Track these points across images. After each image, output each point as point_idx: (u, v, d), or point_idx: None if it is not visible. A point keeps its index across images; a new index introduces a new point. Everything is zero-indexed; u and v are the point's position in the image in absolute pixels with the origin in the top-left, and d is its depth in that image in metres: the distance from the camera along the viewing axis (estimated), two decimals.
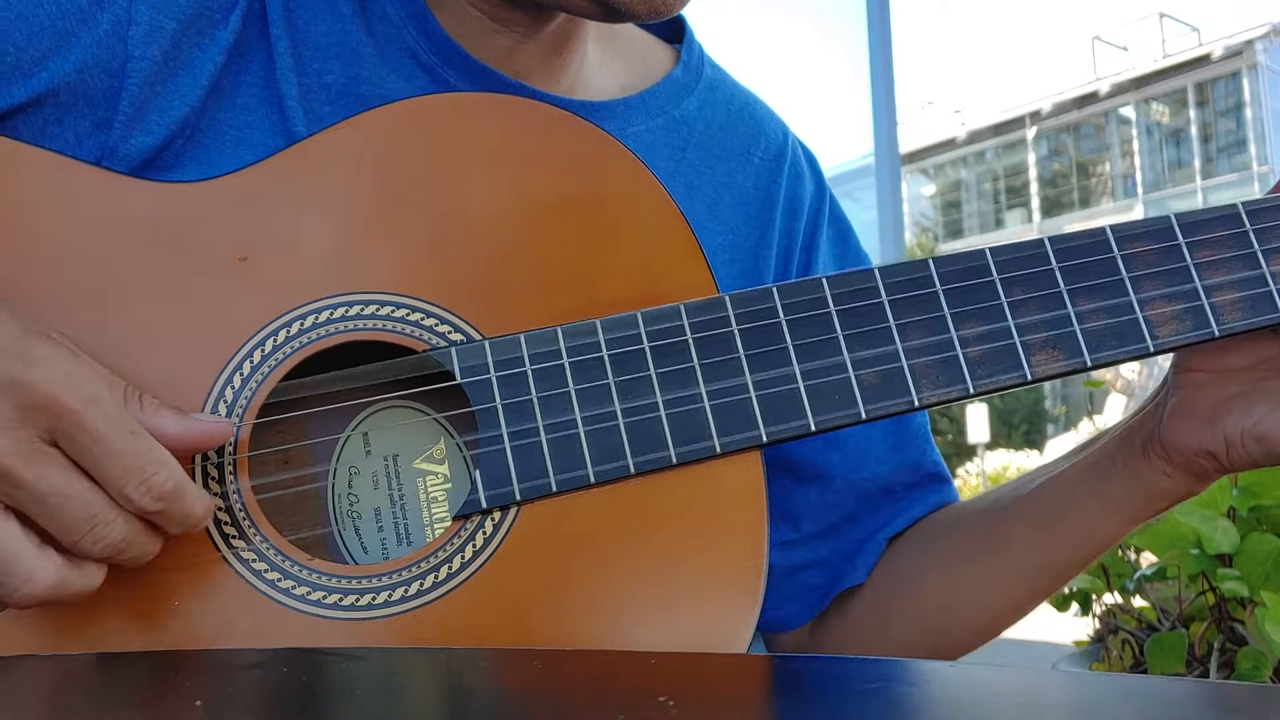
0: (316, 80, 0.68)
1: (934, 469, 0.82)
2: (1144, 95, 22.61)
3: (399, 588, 0.55)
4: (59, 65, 0.62)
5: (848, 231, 0.86)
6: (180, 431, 0.53)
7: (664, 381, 0.58)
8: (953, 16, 60.19)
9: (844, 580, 0.79)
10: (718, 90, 0.82)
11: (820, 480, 0.80)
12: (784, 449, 0.79)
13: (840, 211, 0.87)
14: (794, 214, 0.82)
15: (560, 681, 0.42)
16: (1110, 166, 23.53)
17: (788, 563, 0.81)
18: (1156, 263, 0.62)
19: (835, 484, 0.80)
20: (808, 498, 0.81)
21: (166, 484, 0.51)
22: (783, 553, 0.80)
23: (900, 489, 0.81)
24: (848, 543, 0.80)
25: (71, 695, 0.41)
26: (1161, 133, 22.71)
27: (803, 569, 0.81)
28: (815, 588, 0.81)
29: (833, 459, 0.80)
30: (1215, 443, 0.65)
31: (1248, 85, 20.89)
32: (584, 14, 0.66)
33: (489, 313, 0.59)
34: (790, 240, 0.82)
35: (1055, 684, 0.43)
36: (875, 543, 0.80)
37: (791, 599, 0.81)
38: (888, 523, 0.80)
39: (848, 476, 0.80)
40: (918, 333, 0.60)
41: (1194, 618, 1.23)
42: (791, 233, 0.82)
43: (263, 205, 0.59)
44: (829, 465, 0.80)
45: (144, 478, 0.50)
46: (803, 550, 0.81)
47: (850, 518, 0.81)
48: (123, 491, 0.50)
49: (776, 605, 0.81)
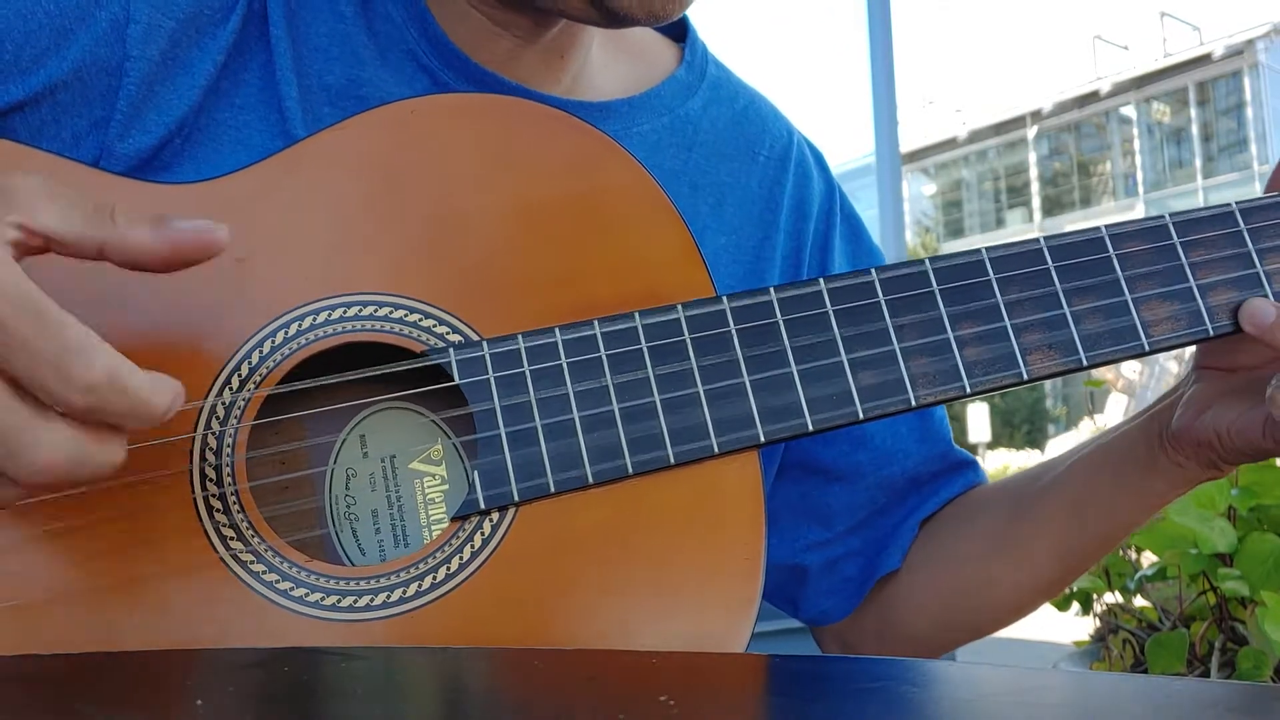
0: (317, 81, 0.68)
1: (960, 457, 0.84)
2: (1145, 94, 22.61)
3: (397, 589, 0.55)
4: (57, 64, 0.62)
5: (859, 228, 0.87)
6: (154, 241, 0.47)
7: (662, 382, 0.58)
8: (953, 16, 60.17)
9: (880, 568, 0.81)
10: (722, 89, 0.82)
11: (849, 479, 0.82)
12: (812, 453, 0.81)
13: (851, 208, 0.87)
14: (802, 215, 0.82)
15: (560, 681, 0.42)
16: (1111, 166, 23.53)
17: (824, 559, 0.82)
18: (1152, 262, 0.62)
19: (864, 481, 0.82)
20: (839, 497, 0.82)
21: (90, 374, 0.43)
22: (819, 550, 0.82)
23: (927, 478, 0.83)
24: (880, 531, 0.82)
25: (72, 695, 0.41)
26: (1162, 132, 22.72)
27: (839, 562, 0.82)
28: (852, 579, 0.82)
29: (861, 458, 0.82)
30: (1210, 435, 0.67)
31: (1249, 84, 20.89)
32: (584, 19, 0.66)
33: (487, 313, 0.59)
34: (799, 241, 0.82)
35: (1056, 683, 0.43)
36: (908, 527, 0.81)
37: (832, 593, 0.83)
38: (918, 507, 0.82)
39: (876, 473, 0.82)
40: (915, 333, 0.60)
41: (1195, 617, 1.23)
42: (800, 234, 0.82)
43: (260, 206, 0.59)
44: (857, 464, 0.82)
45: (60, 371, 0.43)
46: (837, 546, 0.82)
47: (881, 510, 0.82)
48: (45, 391, 0.43)
49: (817, 600, 0.83)
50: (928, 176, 26.78)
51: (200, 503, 0.55)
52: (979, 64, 57.34)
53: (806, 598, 0.83)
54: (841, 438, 0.81)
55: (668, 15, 0.65)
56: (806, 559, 0.82)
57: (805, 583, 0.83)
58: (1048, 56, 52.89)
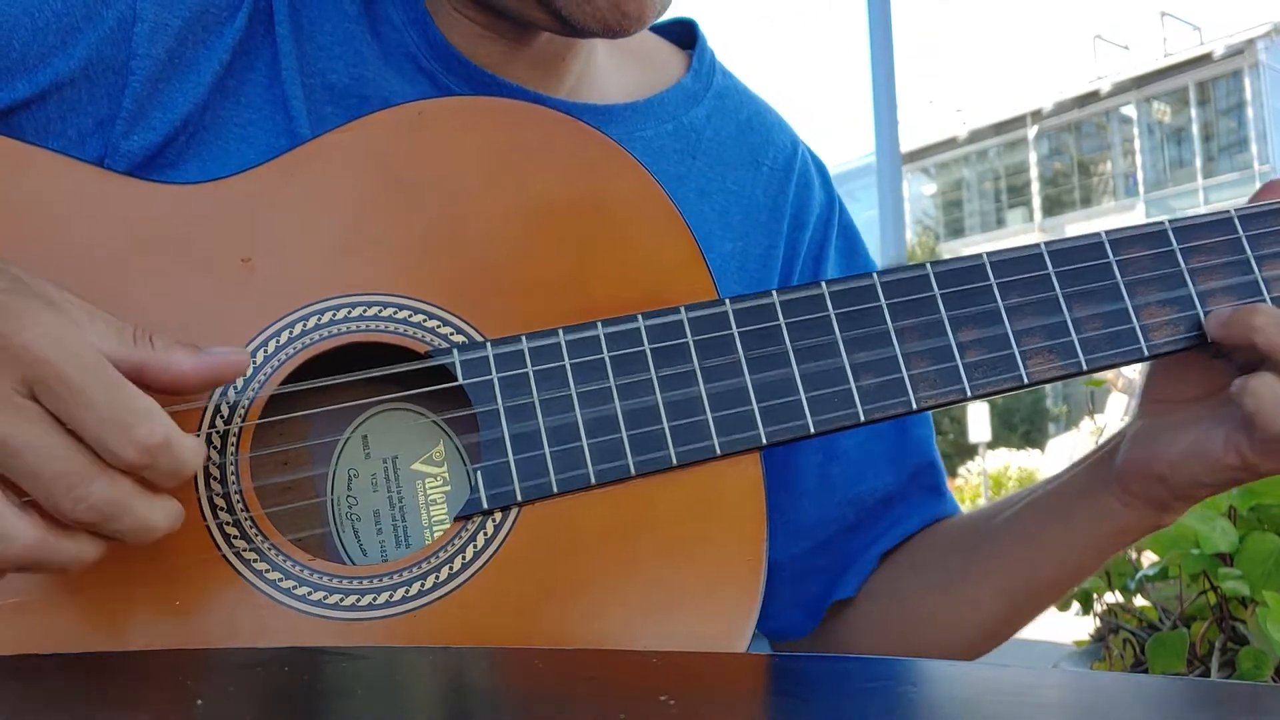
0: (321, 80, 0.68)
1: (932, 481, 0.83)
2: (1145, 94, 22.59)
3: (400, 588, 0.55)
4: (63, 62, 0.62)
5: (857, 242, 0.86)
6: (194, 365, 0.51)
7: (665, 383, 0.58)
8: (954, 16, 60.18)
9: (836, 591, 0.80)
10: (727, 99, 0.82)
11: (821, 493, 0.81)
12: (786, 463, 0.80)
13: (850, 222, 0.87)
14: (799, 225, 0.82)
15: (561, 681, 0.42)
16: (1112, 165, 23.52)
17: (793, 570, 0.82)
18: (1151, 268, 0.63)
19: (836, 496, 0.81)
20: (810, 510, 0.81)
21: (153, 437, 0.48)
22: (789, 563, 0.81)
23: (898, 500, 0.82)
24: (844, 554, 0.81)
25: (73, 694, 0.41)
26: (1163, 132, 22.70)
27: (806, 577, 0.82)
28: (815, 596, 0.82)
29: (833, 471, 0.81)
30: (1163, 465, 0.65)
31: (1249, 84, 20.88)
32: (547, 28, 0.67)
33: (490, 314, 0.59)
34: (794, 251, 0.82)
35: (1056, 683, 0.43)
36: (868, 557, 0.80)
37: (796, 605, 0.82)
38: (881, 537, 0.81)
39: (848, 489, 0.81)
40: (916, 336, 0.60)
41: (1195, 617, 1.23)
42: (795, 243, 0.82)
43: (266, 207, 0.59)
44: (829, 478, 0.81)
45: (125, 429, 0.47)
46: (805, 560, 0.82)
47: (850, 528, 0.82)
48: (104, 445, 0.48)
49: (782, 612, 0.82)
50: (928, 176, 26.77)
51: (204, 501, 0.55)
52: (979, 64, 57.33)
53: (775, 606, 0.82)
54: (815, 448, 0.80)
55: (622, 29, 0.65)
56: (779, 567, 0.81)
57: (776, 591, 0.81)
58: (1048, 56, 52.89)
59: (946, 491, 0.84)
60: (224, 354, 0.53)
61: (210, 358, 0.52)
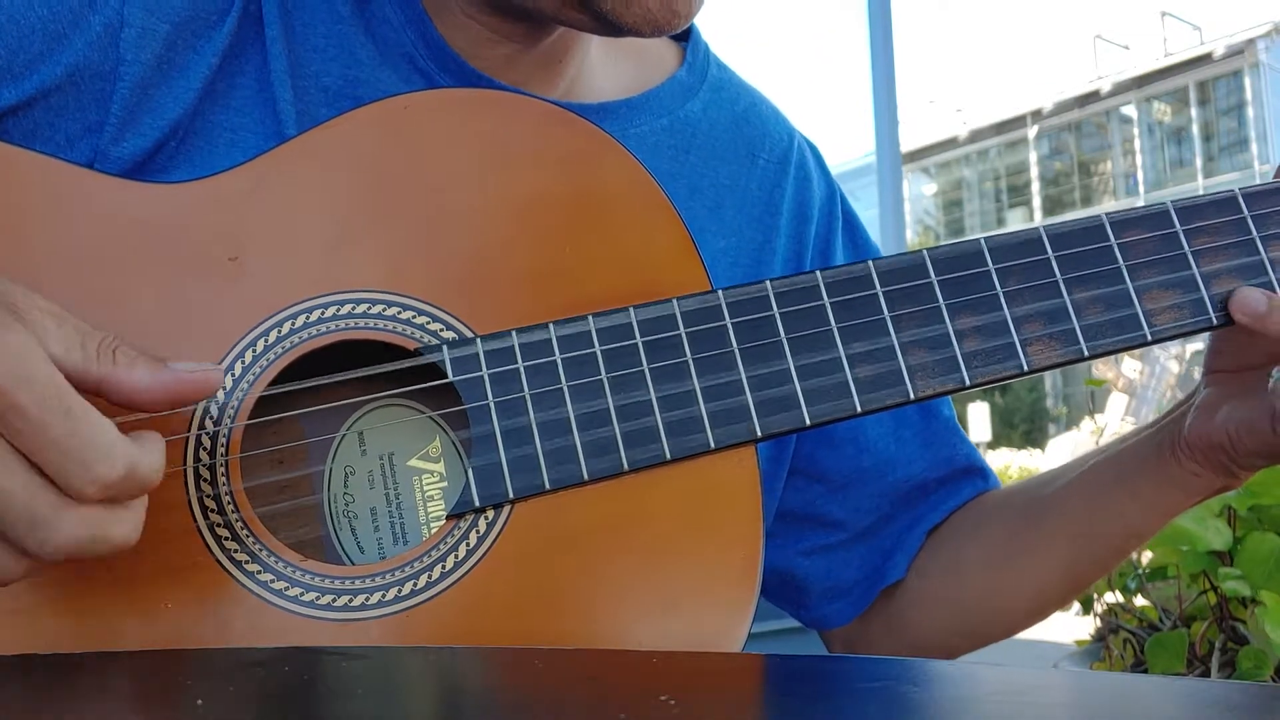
0: (314, 82, 0.68)
1: (967, 462, 0.83)
2: (1146, 94, 22.59)
3: (392, 588, 0.55)
4: (50, 68, 0.62)
5: (859, 228, 0.87)
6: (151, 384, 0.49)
7: (657, 377, 0.58)
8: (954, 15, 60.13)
9: (885, 577, 0.81)
10: (722, 91, 0.82)
11: (853, 486, 0.81)
12: (815, 459, 0.81)
13: (850, 209, 0.87)
14: (803, 218, 0.82)
15: (560, 681, 0.42)
16: (1112, 165, 23.51)
17: (829, 564, 0.82)
18: (1154, 251, 0.61)
19: (869, 489, 0.81)
20: (844, 504, 0.82)
21: (112, 473, 0.46)
22: (821, 556, 0.82)
23: (934, 485, 0.82)
24: (886, 541, 0.82)
25: (73, 694, 0.41)
26: (1163, 131, 22.69)
27: (842, 569, 0.82)
28: (856, 587, 0.82)
29: (865, 464, 0.81)
30: (1223, 437, 0.66)
31: (1249, 84, 20.87)
32: (585, 29, 0.66)
33: (481, 309, 0.59)
34: (800, 244, 0.82)
35: (1056, 683, 0.43)
36: (914, 536, 0.81)
37: (837, 597, 0.83)
38: (924, 517, 0.82)
39: (881, 480, 0.81)
40: (913, 325, 0.59)
41: (1195, 617, 1.23)
42: (802, 236, 0.82)
43: (253, 204, 0.59)
44: (861, 471, 0.81)
45: (85, 467, 0.45)
46: (841, 552, 0.82)
47: (887, 518, 0.82)
48: (68, 483, 0.46)
49: (819, 605, 0.83)
50: (928, 176, 26.76)
51: (195, 504, 0.55)
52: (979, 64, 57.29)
53: (809, 602, 0.83)
54: (845, 443, 0.81)
55: (670, 27, 0.64)
56: (809, 564, 0.82)
57: (808, 588, 0.83)
58: (1048, 56, 52.86)
59: (983, 465, 0.85)
60: (189, 372, 0.50)
61: (170, 376, 0.49)
